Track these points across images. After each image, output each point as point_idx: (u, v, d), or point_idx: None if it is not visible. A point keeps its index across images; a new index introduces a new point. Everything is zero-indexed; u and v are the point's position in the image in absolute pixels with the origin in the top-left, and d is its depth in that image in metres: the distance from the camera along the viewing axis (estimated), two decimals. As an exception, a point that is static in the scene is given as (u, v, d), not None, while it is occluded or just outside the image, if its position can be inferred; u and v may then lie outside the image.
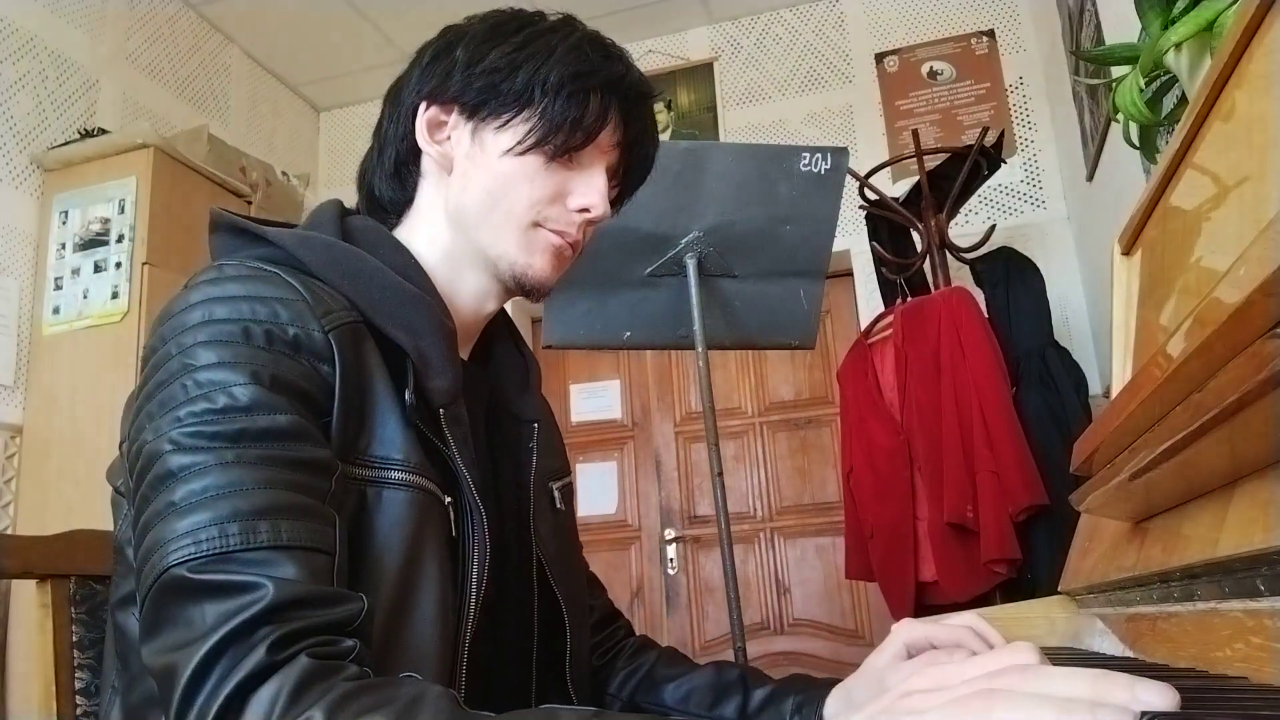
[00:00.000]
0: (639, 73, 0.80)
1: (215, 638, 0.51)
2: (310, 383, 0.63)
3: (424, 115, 0.78)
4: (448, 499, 0.71)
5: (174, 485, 0.56)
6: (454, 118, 0.78)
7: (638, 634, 0.99)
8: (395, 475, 0.67)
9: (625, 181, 0.84)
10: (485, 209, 0.76)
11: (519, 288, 0.79)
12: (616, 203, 0.85)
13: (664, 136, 3.35)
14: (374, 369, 0.68)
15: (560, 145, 0.75)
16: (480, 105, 0.76)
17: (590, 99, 0.75)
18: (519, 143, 0.75)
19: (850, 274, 3.13)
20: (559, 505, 0.87)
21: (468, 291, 0.80)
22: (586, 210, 0.77)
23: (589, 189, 0.77)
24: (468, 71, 0.76)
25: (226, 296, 0.64)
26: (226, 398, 0.59)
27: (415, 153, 0.80)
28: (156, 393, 0.61)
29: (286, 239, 0.71)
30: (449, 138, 0.78)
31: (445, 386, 0.71)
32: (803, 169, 1.73)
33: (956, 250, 2.42)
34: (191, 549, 0.54)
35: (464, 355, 0.83)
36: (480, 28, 0.78)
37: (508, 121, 0.75)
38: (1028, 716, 0.35)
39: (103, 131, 2.56)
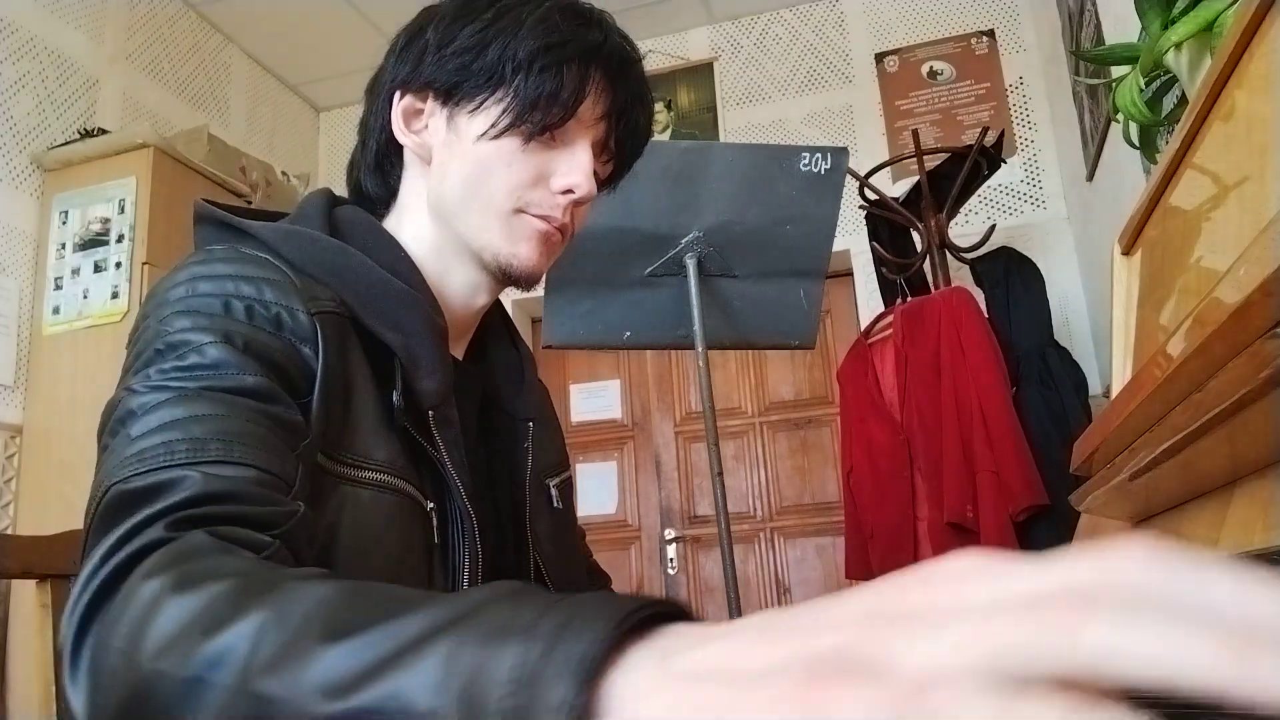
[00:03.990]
0: (620, 36, 0.75)
1: (120, 530, 0.47)
2: (288, 360, 0.61)
3: (399, 105, 0.75)
4: (430, 504, 0.68)
5: (131, 421, 0.54)
6: (429, 105, 0.74)
7: None
8: (374, 476, 0.65)
9: (618, 154, 0.79)
10: (465, 198, 0.73)
11: (507, 278, 0.76)
12: (612, 178, 0.81)
13: (664, 136, 3.35)
14: (356, 365, 0.66)
15: (537, 124, 0.70)
16: (453, 89, 0.72)
17: (565, 71, 0.70)
18: (493, 125, 0.71)
19: (850, 274, 3.13)
20: (556, 504, 0.85)
21: (458, 285, 0.77)
22: (570, 191, 0.73)
23: (572, 168, 0.73)
24: (438, 54, 0.72)
25: (213, 275, 0.62)
26: (195, 355, 0.57)
27: (395, 145, 0.77)
28: (132, 364, 0.59)
29: (270, 234, 0.68)
30: (426, 126, 0.75)
31: (435, 387, 0.69)
32: (803, 169, 1.73)
33: (956, 250, 2.42)
34: (135, 465, 0.51)
35: (458, 353, 0.81)
36: (451, 6, 0.74)
37: (481, 103, 0.71)
38: (1166, 649, 0.18)
39: (103, 131, 2.56)
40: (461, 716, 0.30)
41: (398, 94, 0.75)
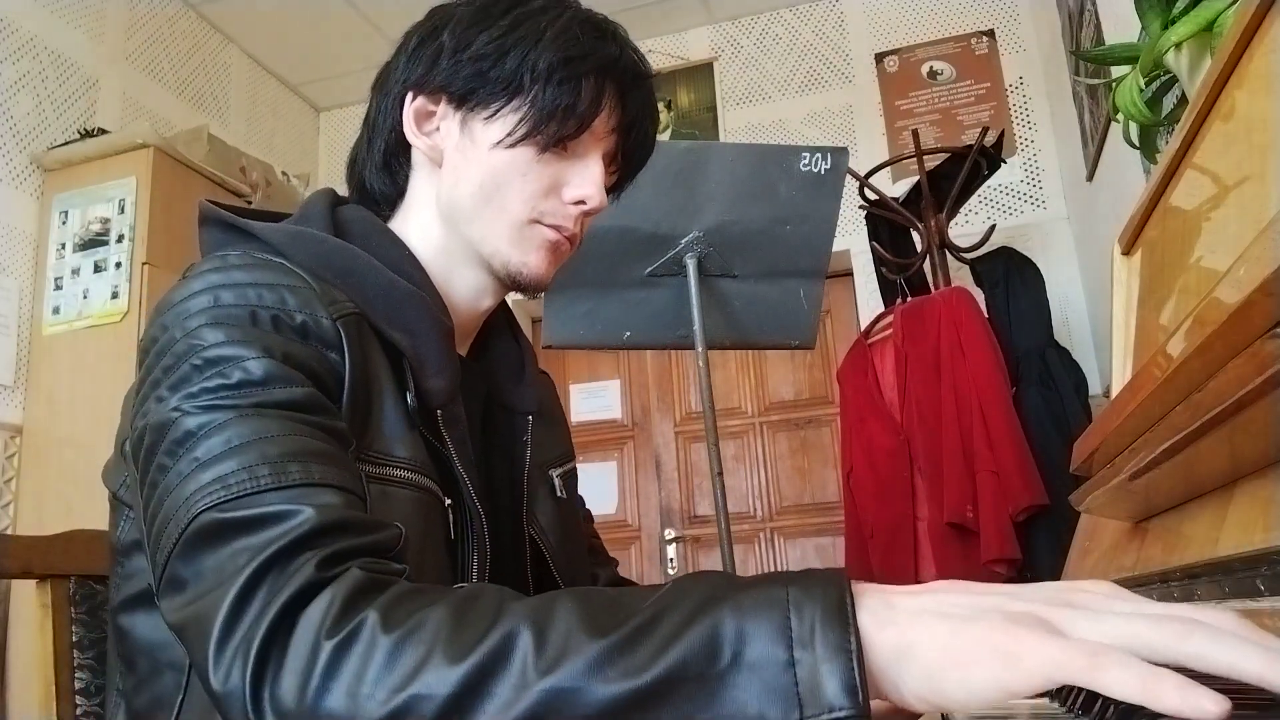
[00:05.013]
0: (634, 51, 0.76)
1: (253, 566, 0.47)
2: (321, 367, 0.61)
3: (411, 106, 0.75)
4: (448, 500, 0.69)
5: (194, 444, 0.54)
6: (442, 108, 0.74)
7: None
8: (400, 474, 0.65)
9: (625, 166, 0.80)
10: (477, 205, 0.73)
11: (515, 285, 0.76)
12: (616, 187, 0.82)
13: (664, 136, 3.35)
14: (378, 364, 0.67)
15: (553, 135, 0.71)
16: (468, 94, 0.72)
17: (583, 84, 0.71)
18: (509, 134, 0.71)
19: (850, 274, 3.13)
20: (559, 494, 0.86)
21: (463, 288, 0.77)
22: (583, 202, 0.74)
23: (585, 180, 0.74)
24: (454, 58, 0.72)
25: (232, 283, 0.62)
26: (241, 372, 0.56)
27: (404, 144, 0.77)
28: (163, 378, 0.58)
29: (277, 236, 0.68)
30: (438, 129, 0.75)
31: (443, 386, 0.70)
32: (802, 169, 1.73)
33: (956, 250, 2.42)
34: (221, 492, 0.51)
35: (462, 351, 0.81)
36: (467, 10, 0.74)
37: (497, 111, 0.72)
38: (1232, 655, 0.34)
39: (103, 131, 2.56)
40: (753, 673, 0.39)
41: (410, 95, 0.75)
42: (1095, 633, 0.37)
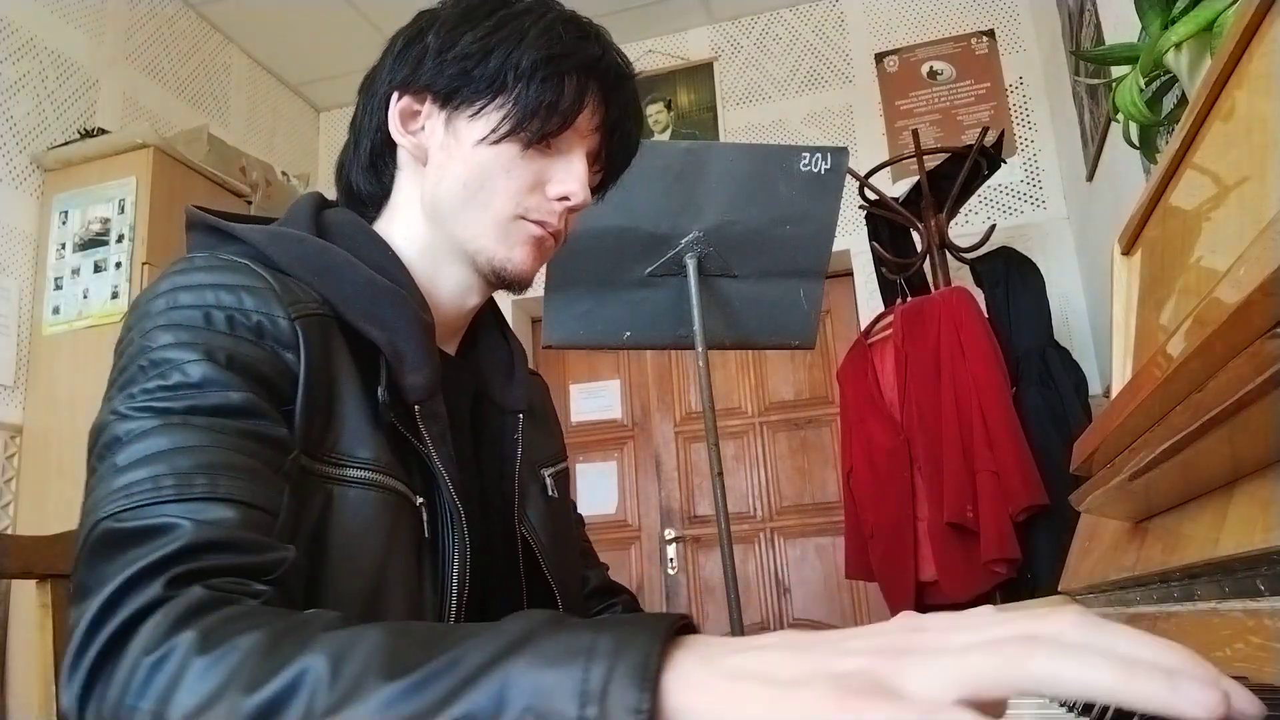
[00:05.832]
0: (617, 52, 0.78)
1: (117, 583, 0.48)
2: (272, 368, 0.62)
3: (396, 106, 0.76)
4: (420, 499, 0.69)
5: (118, 449, 0.55)
6: (427, 107, 0.76)
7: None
8: (361, 474, 0.65)
9: (609, 165, 0.81)
10: (461, 201, 0.74)
11: (499, 281, 0.77)
12: (601, 187, 0.83)
13: (664, 136, 3.36)
14: (341, 365, 0.67)
15: (536, 132, 0.72)
16: (453, 93, 0.74)
17: (565, 82, 0.73)
18: (493, 131, 0.72)
19: (850, 274, 3.13)
20: (551, 493, 0.86)
21: (449, 286, 0.78)
22: (566, 198, 0.75)
23: (568, 176, 0.75)
24: (439, 58, 0.74)
25: (192, 285, 0.63)
26: (179, 374, 0.58)
27: (390, 144, 0.78)
28: (117, 378, 0.60)
29: (257, 236, 0.70)
30: (423, 128, 0.76)
31: (421, 382, 0.70)
32: (802, 169, 1.73)
33: (956, 250, 2.42)
34: (123, 501, 0.52)
35: (450, 350, 0.82)
36: (452, 12, 0.75)
37: (481, 109, 0.73)
38: (1081, 671, 0.29)
39: (103, 131, 2.56)
40: None
41: (395, 95, 0.76)
42: (932, 681, 0.31)
